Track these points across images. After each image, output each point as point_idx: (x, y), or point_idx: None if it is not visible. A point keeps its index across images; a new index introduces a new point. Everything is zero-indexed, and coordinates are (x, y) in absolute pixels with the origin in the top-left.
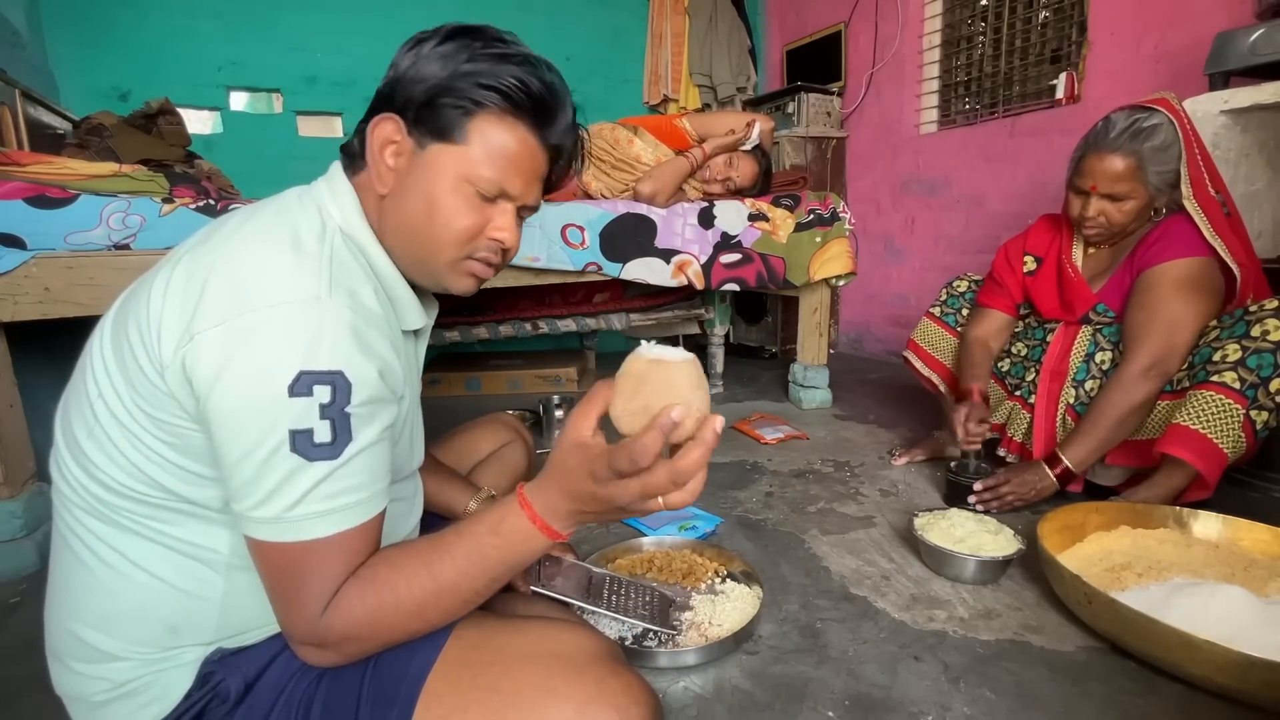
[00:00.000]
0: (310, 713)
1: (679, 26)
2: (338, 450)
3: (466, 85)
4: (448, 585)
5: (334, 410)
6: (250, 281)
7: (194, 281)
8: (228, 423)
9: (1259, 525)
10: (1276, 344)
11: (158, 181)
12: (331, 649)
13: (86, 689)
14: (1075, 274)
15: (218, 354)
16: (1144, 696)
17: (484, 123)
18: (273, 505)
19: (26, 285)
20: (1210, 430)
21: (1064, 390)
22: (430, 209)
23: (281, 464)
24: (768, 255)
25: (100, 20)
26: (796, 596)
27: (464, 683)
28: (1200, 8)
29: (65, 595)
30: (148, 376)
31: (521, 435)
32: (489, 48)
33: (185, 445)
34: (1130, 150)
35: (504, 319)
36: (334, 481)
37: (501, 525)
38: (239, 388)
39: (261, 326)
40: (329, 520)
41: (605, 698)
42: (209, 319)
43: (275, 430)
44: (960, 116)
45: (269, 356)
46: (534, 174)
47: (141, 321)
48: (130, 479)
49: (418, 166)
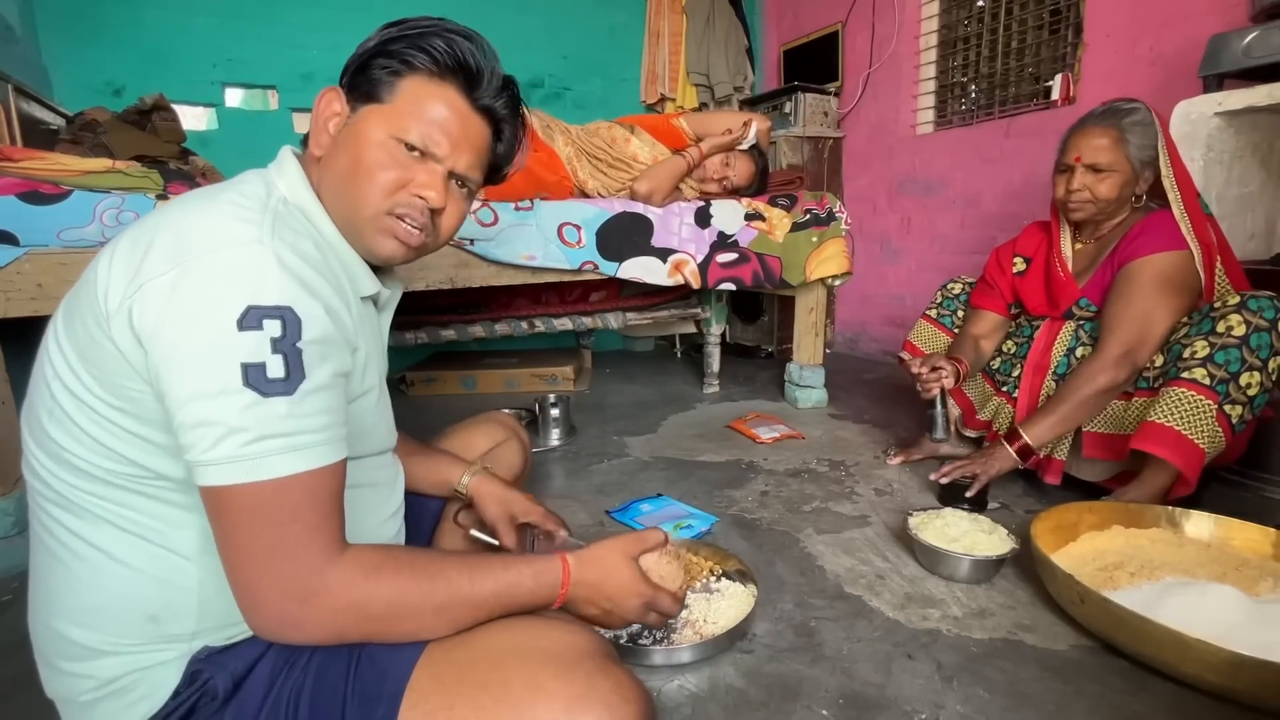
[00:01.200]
0: (298, 710)
1: (676, 26)
2: (292, 386)
3: (396, 48)
4: (478, 599)
5: (285, 344)
6: (193, 233)
7: (138, 244)
8: (176, 363)
9: (1250, 525)
10: (1241, 339)
11: (152, 178)
12: (322, 612)
13: (75, 689)
14: (1063, 267)
15: (163, 298)
16: (1136, 695)
17: (411, 83)
18: (229, 443)
19: (19, 282)
20: (1183, 426)
21: (1045, 383)
22: (355, 163)
23: (235, 399)
24: (764, 255)
25: (94, 15)
26: (791, 595)
27: (450, 679)
28: (1195, 10)
29: (47, 594)
30: (95, 339)
31: (517, 434)
32: (420, 23)
33: (140, 411)
34: (1111, 123)
35: (500, 317)
36: (293, 419)
37: (542, 575)
38: (186, 326)
39: (206, 268)
40: (295, 457)
41: (594, 695)
42: (154, 269)
43: (227, 365)
44: (956, 117)
45: (215, 293)
46: (464, 138)
47: (90, 293)
48: (95, 455)
49: (349, 127)
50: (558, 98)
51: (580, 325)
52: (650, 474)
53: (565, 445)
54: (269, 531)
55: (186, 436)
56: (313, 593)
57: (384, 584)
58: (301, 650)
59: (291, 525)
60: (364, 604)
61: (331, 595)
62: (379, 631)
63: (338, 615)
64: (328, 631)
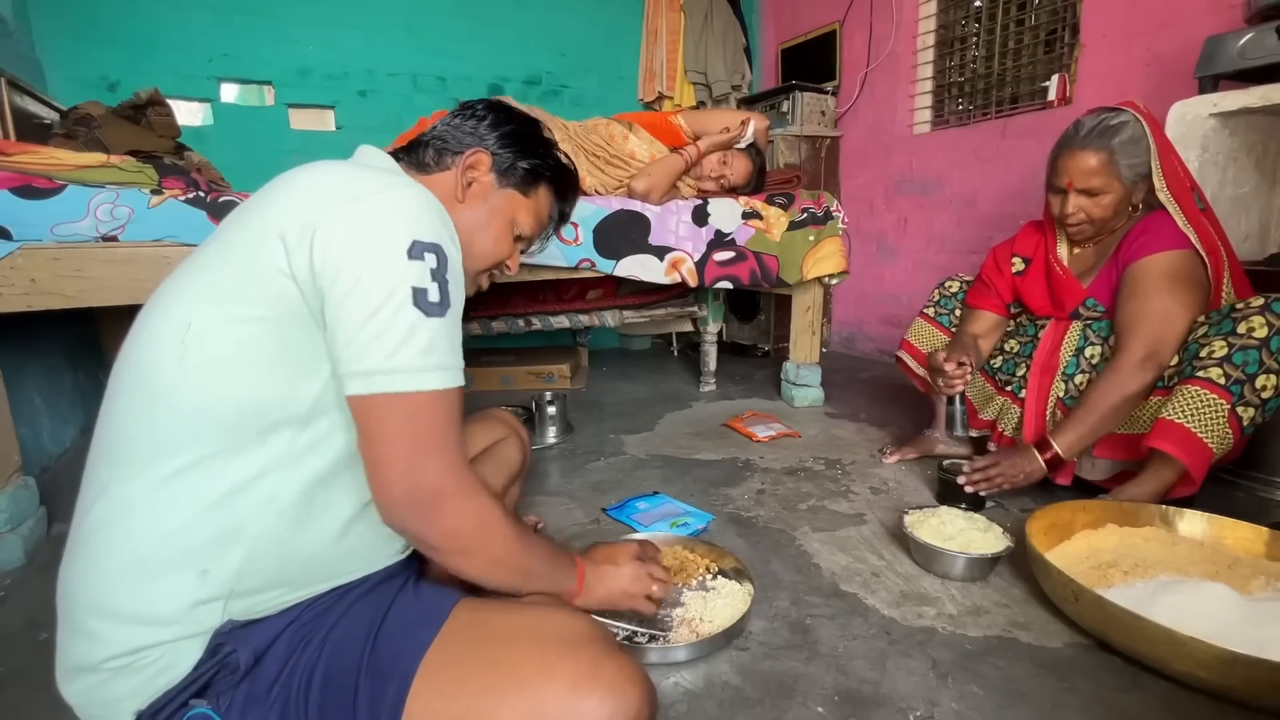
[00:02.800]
0: (311, 684)
1: (674, 24)
2: (444, 309)
3: (543, 159)
4: (524, 567)
5: (440, 275)
6: (356, 181)
7: (296, 191)
8: (358, 285)
9: (1243, 524)
10: (1262, 341)
11: (146, 173)
12: (457, 500)
13: (98, 654)
14: (1063, 270)
15: (344, 230)
16: (1128, 692)
17: (543, 189)
18: (404, 354)
19: (12, 277)
20: (1195, 425)
21: (1054, 384)
22: (487, 229)
23: (406, 316)
24: (761, 253)
25: (89, 9)
26: (787, 593)
27: (461, 659)
28: (1190, 12)
29: (100, 549)
30: (261, 278)
31: (517, 431)
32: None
33: (289, 343)
34: (1100, 145)
35: (496, 315)
36: (447, 338)
37: (569, 567)
38: (366, 252)
39: (377, 205)
40: (448, 375)
41: (600, 676)
42: (329, 205)
43: (401, 287)
44: (953, 117)
45: (387, 225)
46: (542, 229)
47: (252, 238)
48: (216, 401)
49: (494, 197)
50: (555, 95)
51: (577, 323)
52: (647, 472)
53: (562, 443)
54: (431, 431)
55: (358, 348)
56: (457, 490)
57: (493, 502)
58: (319, 628)
59: (446, 430)
60: (479, 512)
61: (470, 495)
62: (470, 547)
63: (466, 512)
64: (452, 526)
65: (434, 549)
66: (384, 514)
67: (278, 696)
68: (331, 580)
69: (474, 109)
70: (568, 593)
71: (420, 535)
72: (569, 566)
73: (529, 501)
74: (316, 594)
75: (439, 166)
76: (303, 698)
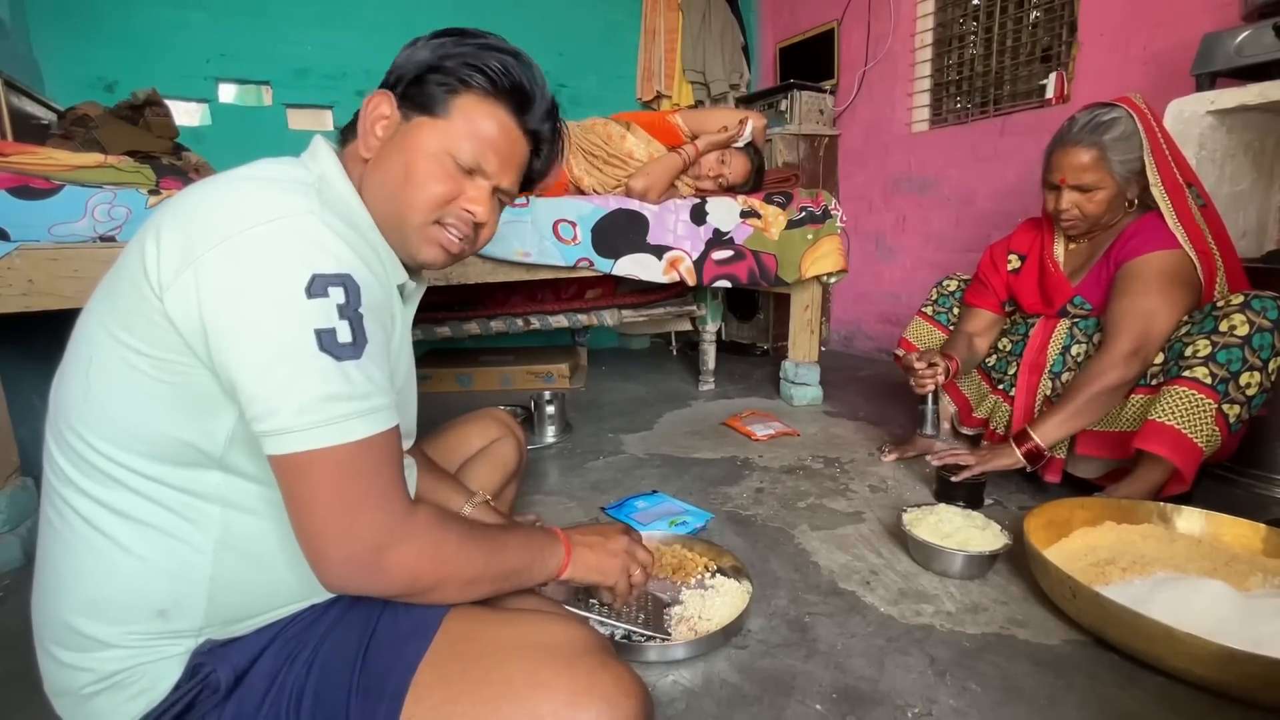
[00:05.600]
0: (301, 704)
1: (672, 23)
2: (359, 350)
3: (454, 65)
4: (503, 572)
5: (349, 310)
6: (243, 204)
7: (182, 219)
8: (250, 333)
9: (1240, 521)
10: (1243, 338)
11: (144, 173)
12: (406, 555)
13: (74, 681)
14: (1055, 268)
15: (226, 270)
16: (1126, 689)
17: (466, 101)
18: (317, 405)
19: (9, 277)
20: (1183, 425)
21: (1041, 382)
22: (408, 173)
23: (313, 364)
24: (759, 252)
25: (87, 9)
26: (785, 591)
27: (453, 675)
28: (1188, 9)
29: (55, 582)
30: (144, 315)
31: (513, 431)
32: (476, 39)
33: (186, 384)
34: (1092, 142)
35: (495, 314)
36: (366, 378)
37: (550, 545)
38: (257, 296)
39: (265, 238)
40: (371, 419)
41: (595, 689)
42: (208, 241)
43: (302, 331)
44: (951, 115)
45: (280, 263)
46: (510, 157)
47: (135, 271)
48: (131, 436)
49: (401, 134)
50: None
51: (576, 322)
52: (645, 471)
53: (561, 442)
54: (359, 485)
55: (263, 405)
56: (400, 538)
57: (440, 527)
58: (304, 644)
59: (376, 479)
60: (431, 546)
61: (416, 536)
62: (436, 582)
63: (418, 558)
64: (406, 575)
65: (399, 598)
66: (326, 582)
67: (267, 715)
68: (308, 600)
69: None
70: (555, 569)
71: (377, 591)
72: (549, 545)
73: (528, 501)
74: (298, 610)
75: (354, 132)
76: (292, 717)
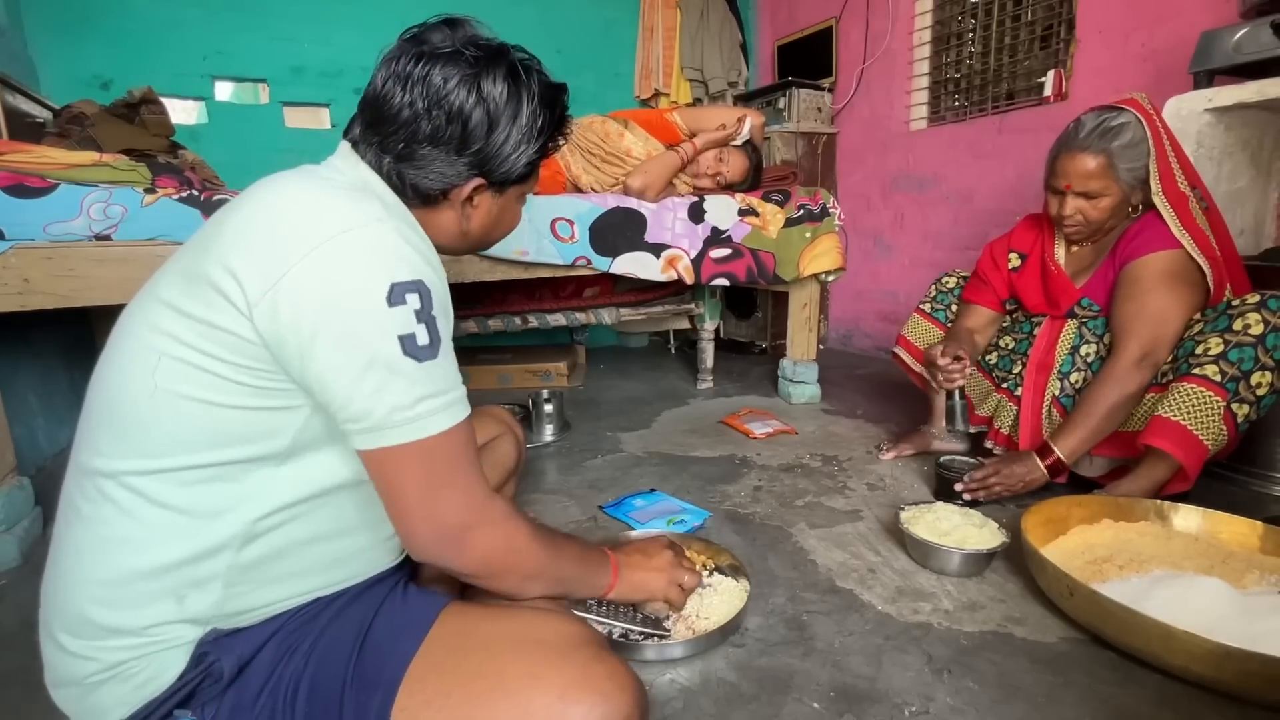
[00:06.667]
0: (298, 694)
1: (670, 20)
2: (435, 350)
3: (551, 146)
4: (559, 576)
5: (425, 315)
6: (317, 215)
7: (254, 231)
8: (342, 343)
9: (1238, 519)
10: (1257, 338)
11: (140, 171)
12: (486, 532)
13: (80, 671)
14: (1057, 270)
15: (312, 285)
16: (1123, 686)
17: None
18: (407, 405)
19: (5, 276)
20: (1191, 422)
21: (1049, 383)
22: (499, 224)
23: (400, 368)
24: (758, 250)
25: (82, 7)
26: (783, 590)
27: (447, 668)
28: (1186, 7)
29: (74, 569)
30: (224, 327)
31: (512, 429)
32: (547, 95)
33: (260, 387)
34: (1100, 149)
35: (493, 313)
36: (444, 375)
37: (601, 562)
38: (345, 310)
39: (343, 250)
40: (452, 412)
41: (589, 682)
42: (291, 255)
43: (387, 340)
44: (950, 113)
45: (362, 274)
46: None
47: (207, 285)
48: (192, 431)
49: (500, 201)
50: None
51: (574, 321)
52: (644, 469)
53: (559, 441)
54: (442, 470)
55: (357, 408)
56: (481, 520)
57: (519, 522)
58: (305, 637)
59: (459, 463)
60: (506, 536)
61: (494, 522)
62: (503, 570)
63: (493, 539)
64: (480, 556)
65: (468, 576)
66: (413, 552)
67: (264, 705)
68: (318, 591)
69: (412, 102)
70: (603, 587)
71: (453, 566)
72: (600, 562)
73: (526, 499)
74: (303, 603)
75: (423, 203)
76: (289, 708)
